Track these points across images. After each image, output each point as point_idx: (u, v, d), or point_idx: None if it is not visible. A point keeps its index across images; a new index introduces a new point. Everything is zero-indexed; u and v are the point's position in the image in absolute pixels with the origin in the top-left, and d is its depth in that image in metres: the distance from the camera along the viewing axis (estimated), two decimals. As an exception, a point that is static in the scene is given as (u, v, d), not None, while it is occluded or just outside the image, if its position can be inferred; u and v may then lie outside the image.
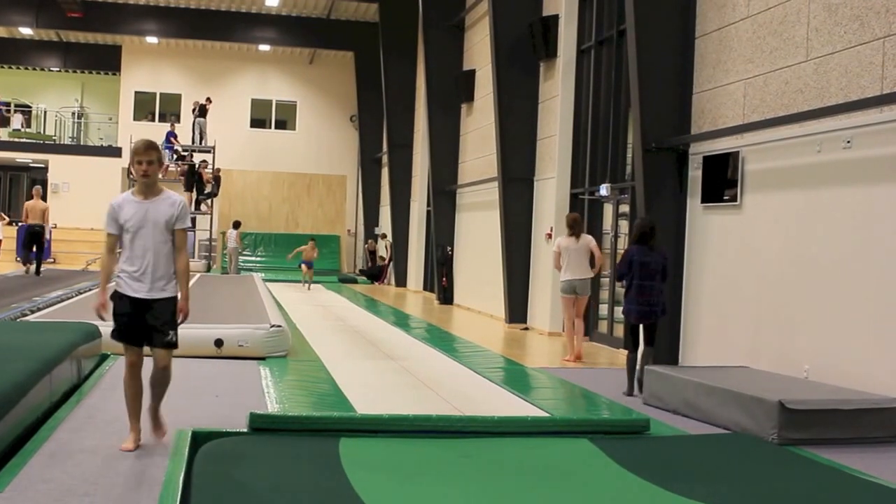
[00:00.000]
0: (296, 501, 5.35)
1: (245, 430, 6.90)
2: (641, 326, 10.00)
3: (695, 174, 11.52)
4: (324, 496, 5.49)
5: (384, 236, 30.74)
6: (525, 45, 17.16)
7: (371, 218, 32.75)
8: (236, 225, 29.07)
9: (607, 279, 14.91)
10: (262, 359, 11.09)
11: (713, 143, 11.12)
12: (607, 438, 7.33)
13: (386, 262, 30.30)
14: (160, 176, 6.59)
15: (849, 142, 8.83)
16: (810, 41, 9.48)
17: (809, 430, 7.68)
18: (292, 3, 31.02)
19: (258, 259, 33.78)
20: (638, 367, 9.90)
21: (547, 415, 8.45)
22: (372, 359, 12.01)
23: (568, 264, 12.45)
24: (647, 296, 9.83)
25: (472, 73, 21.73)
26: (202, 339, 11.21)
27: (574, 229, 12.51)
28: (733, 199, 10.66)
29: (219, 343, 11.14)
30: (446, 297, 22.32)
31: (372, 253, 32.05)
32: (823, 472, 6.65)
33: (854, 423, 7.84)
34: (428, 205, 25.20)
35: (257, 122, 35.96)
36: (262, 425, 6.97)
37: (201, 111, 30.91)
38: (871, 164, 8.58)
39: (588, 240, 12.61)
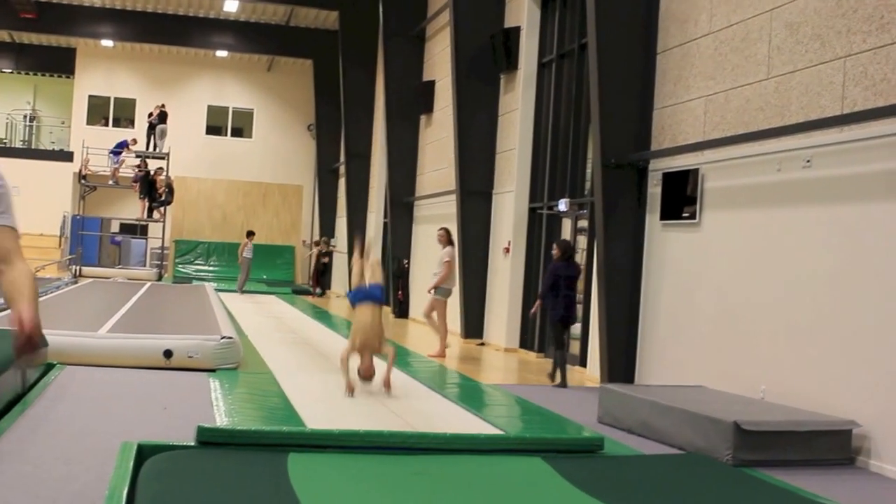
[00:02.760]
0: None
1: (193, 443, 6.71)
2: (555, 329, 11.97)
3: (654, 191, 11.48)
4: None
5: (319, 243, 29.69)
6: (486, 57, 17.09)
7: (327, 229, 32.50)
8: (249, 234, 27.29)
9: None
10: (213, 370, 10.89)
11: (673, 159, 11.08)
12: (561, 457, 7.22)
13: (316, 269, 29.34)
14: (111, 182, 5.99)
15: (808, 161, 8.81)
16: (771, 59, 9.46)
17: (764, 452, 7.64)
18: (251, 9, 30.79)
19: (211, 268, 33.43)
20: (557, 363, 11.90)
21: (500, 432, 8.33)
22: (324, 372, 11.83)
23: (453, 272, 14.59)
24: (571, 303, 11.85)
25: (432, 83, 21.64)
26: (151, 349, 11.02)
27: (450, 239, 14.70)
28: (692, 216, 10.61)
29: (168, 354, 10.93)
30: (402, 310, 22.17)
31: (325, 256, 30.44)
32: (777, 493, 6.58)
33: (809, 445, 7.82)
34: (385, 216, 25.05)
35: (213, 129, 35.63)
36: (211, 439, 6.79)
37: (161, 117, 30.55)
38: (830, 184, 8.56)
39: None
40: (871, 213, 8.04)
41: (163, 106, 30.92)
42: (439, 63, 21.21)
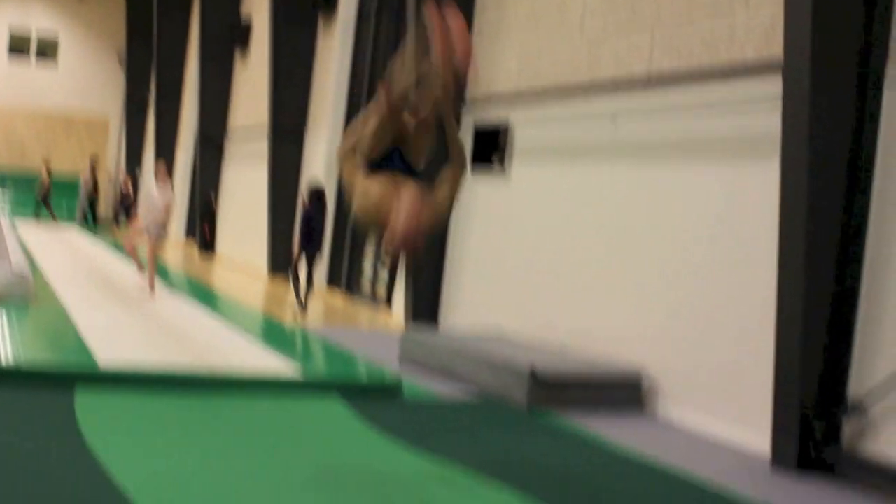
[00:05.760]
0: (25, 467, 4.94)
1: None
2: (305, 261, 12.65)
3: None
4: (56, 460, 5.12)
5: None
6: (306, -1, 16.81)
7: (133, 163, 31.43)
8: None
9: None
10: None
11: (485, 112, 11.16)
12: (357, 398, 7.25)
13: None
14: None
15: (614, 120, 9.02)
16: (584, 21, 9.64)
17: (558, 398, 7.85)
18: (62, -70, 29.17)
19: (7, 200, 31.84)
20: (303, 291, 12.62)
21: (298, 371, 8.27)
22: (120, 308, 11.46)
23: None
24: (318, 240, 12.73)
25: (249, 21, 21.11)
26: (-68, 280, 10.40)
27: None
28: (502, 168, 10.74)
29: (-48, 285, 10.35)
30: (208, 245, 21.72)
31: (125, 195, 29.40)
32: (567, 437, 6.82)
33: (601, 392, 8.09)
34: (194, 154, 24.41)
35: (14, 54, 33.71)
36: (-7, 373, 6.49)
37: None
38: (634, 143, 8.82)
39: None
40: (670, 171, 8.34)
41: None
42: (258, 1, 20.68)
